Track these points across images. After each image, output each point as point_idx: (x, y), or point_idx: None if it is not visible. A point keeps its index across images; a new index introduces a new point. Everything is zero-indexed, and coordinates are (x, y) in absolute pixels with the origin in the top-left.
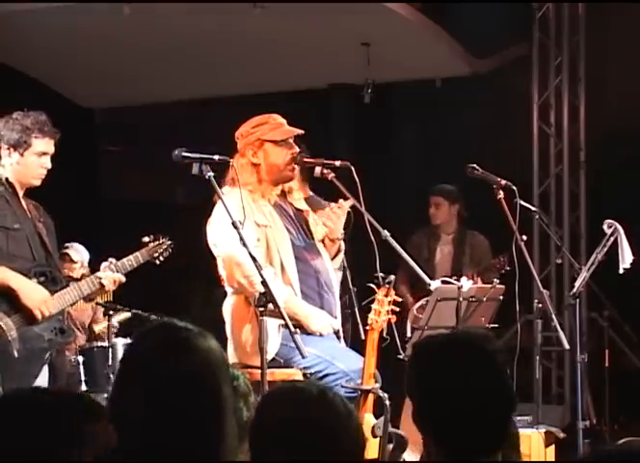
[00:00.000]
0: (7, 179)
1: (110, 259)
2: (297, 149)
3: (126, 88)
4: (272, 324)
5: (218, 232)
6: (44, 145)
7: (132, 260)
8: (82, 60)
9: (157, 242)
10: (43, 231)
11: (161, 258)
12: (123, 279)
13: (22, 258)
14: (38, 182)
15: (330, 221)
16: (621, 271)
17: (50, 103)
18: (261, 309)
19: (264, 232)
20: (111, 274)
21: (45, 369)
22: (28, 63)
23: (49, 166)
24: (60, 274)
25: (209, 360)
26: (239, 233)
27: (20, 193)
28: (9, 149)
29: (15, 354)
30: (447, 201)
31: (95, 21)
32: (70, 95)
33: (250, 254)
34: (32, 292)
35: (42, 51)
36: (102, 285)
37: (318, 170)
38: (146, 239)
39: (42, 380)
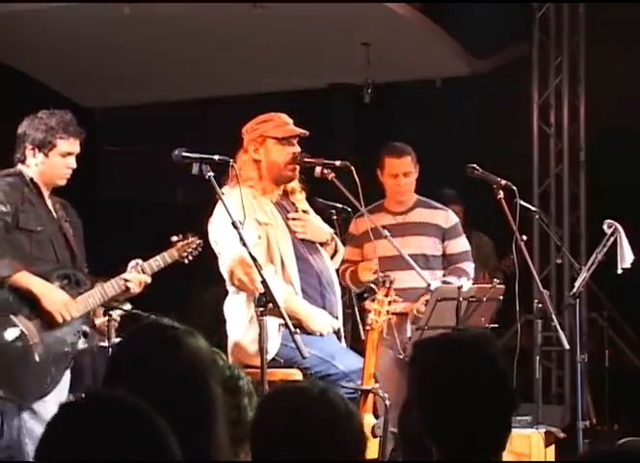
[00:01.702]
0: (32, 180)
1: (136, 260)
2: (298, 149)
3: (126, 88)
4: (272, 324)
5: (218, 231)
6: (69, 145)
7: (159, 261)
8: (82, 60)
9: (186, 241)
10: (69, 231)
11: (190, 258)
12: (149, 280)
13: (45, 261)
14: (63, 182)
15: (299, 232)
16: (619, 271)
17: (50, 103)
18: (261, 309)
19: (265, 230)
20: (137, 275)
21: (67, 373)
22: (28, 63)
23: (74, 166)
24: (84, 276)
25: (198, 358)
26: (239, 233)
27: (46, 193)
28: (33, 149)
29: (37, 359)
30: (459, 205)
31: (96, 21)
32: (70, 95)
33: (250, 254)
34: (53, 297)
35: (42, 51)
36: (127, 287)
37: (318, 170)
38: (174, 238)
39: (64, 384)
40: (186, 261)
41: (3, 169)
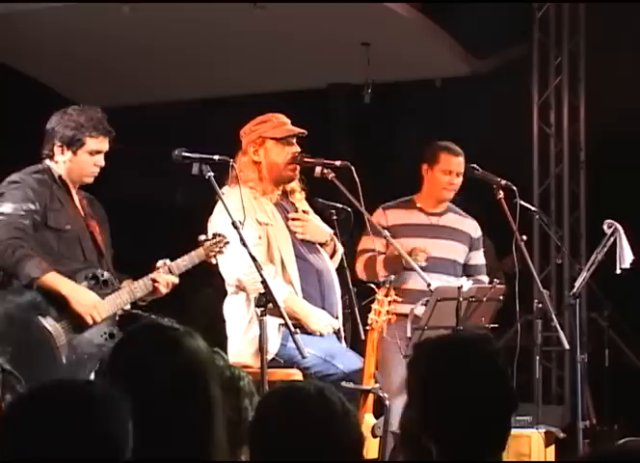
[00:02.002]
0: (60, 177)
1: (164, 260)
2: (298, 149)
3: (126, 88)
4: (272, 324)
5: (218, 231)
6: (98, 143)
7: (187, 261)
8: (82, 59)
9: (214, 240)
10: (96, 228)
11: (218, 257)
12: (177, 281)
13: (72, 260)
14: (90, 180)
15: (299, 233)
16: (618, 271)
17: (50, 103)
18: (261, 309)
19: (265, 230)
20: (164, 276)
21: (92, 376)
22: (28, 63)
23: (102, 164)
24: (112, 276)
25: (197, 359)
26: (239, 234)
27: (73, 190)
28: (62, 146)
29: (64, 360)
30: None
31: (95, 21)
32: (70, 95)
33: (250, 254)
34: (82, 298)
35: (42, 51)
36: (155, 288)
37: (318, 170)
38: (202, 238)
39: None
40: (214, 261)
41: (6, 168)
